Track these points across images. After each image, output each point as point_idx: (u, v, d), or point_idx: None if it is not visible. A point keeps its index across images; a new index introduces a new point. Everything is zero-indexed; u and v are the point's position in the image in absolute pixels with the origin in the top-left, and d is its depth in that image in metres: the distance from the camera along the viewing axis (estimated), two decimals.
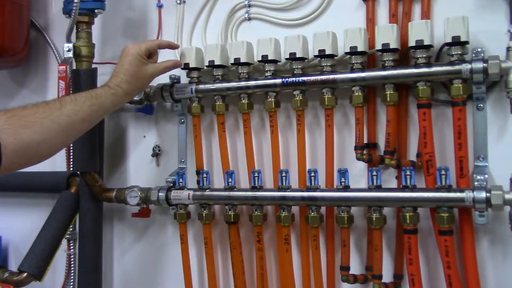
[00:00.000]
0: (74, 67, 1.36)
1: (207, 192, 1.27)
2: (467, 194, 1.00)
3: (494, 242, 1.07)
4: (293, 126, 1.23)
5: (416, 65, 1.06)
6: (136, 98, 1.34)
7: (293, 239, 1.23)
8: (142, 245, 1.47)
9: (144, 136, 1.46)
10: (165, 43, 1.29)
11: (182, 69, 1.29)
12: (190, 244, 1.35)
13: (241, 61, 1.21)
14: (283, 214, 1.19)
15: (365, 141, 1.16)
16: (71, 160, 1.45)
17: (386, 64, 1.09)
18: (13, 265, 1.60)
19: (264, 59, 1.19)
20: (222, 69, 1.26)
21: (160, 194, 1.30)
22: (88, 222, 1.39)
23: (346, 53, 1.12)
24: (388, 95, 1.09)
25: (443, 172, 1.04)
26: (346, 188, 1.13)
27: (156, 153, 1.43)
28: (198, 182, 1.30)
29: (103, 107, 1.11)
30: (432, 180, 1.06)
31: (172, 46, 1.31)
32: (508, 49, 1.02)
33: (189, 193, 1.27)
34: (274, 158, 1.22)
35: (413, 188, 1.07)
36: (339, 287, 1.20)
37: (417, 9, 1.14)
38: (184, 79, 1.34)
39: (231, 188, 1.24)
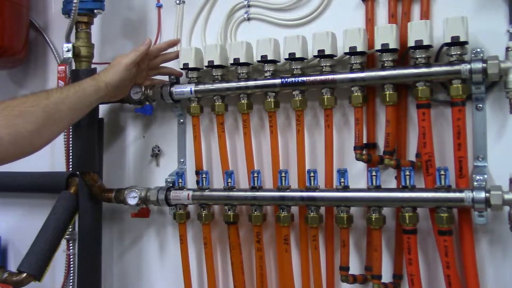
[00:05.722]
0: (74, 67, 1.35)
1: (207, 192, 1.27)
2: (466, 194, 1.00)
3: (494, 242, 1.07)
4: (293, 126, 1.23)
5: (416, 65, 1.06)
6: (135, 98, 1.34)
7: (293, 239, 1.23)
8: (141, 245, 1.47)
9: (144, 136, 1.46)
10: (164, 46, 1.32)
11: (181, 69, 1.29)
12: (190, 245, 1.35)
13: (241, 61, 1.21)
14: (282, 214, 1.19)
15: (365, 141, 1.16)
16: (71, 160, 1.45)
17: (385, 64, 1.09)
18: (13, 265, 1.59)
19: (264, 59, 1.19)
20: (222, 69, 1.26)
21: (159, 194, 1.30)
22: (87, 222, 1.39)
23: (346, 53, 1.12)
24: (387, 95, 1.09)
25: (442, 172, 1.04)
26: (346, 188, 1.13)
27: (156, 153, 1.43)
28: (197, 182, 1.30)
29: (86, 93, 1.15)
30: (431, 180, 1.06)
31: (172, 44, 1.33)
32: (507, 49, 1.02)
33: (188, 193, 1.27)
34: (274, 158, 1.22)
35: (413, 188, 1.07)
36: (338, 287, 1.20)
37: (416, 9, 1.14)
38: (184, 79, 1.34)
39: (231, 188, 1.24)
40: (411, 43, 1.05)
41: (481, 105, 1.06)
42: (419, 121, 1.07)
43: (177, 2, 1.40)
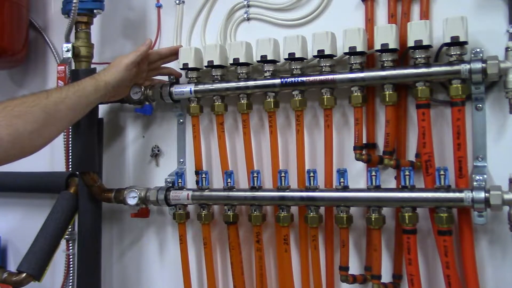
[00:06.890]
0: (73, 67, 1.35)
1: (206, 193, 1.27)
2: (466, 194, 1.00)
3: (493, 242, 1.07)
4: (292, 126, 1.23)
5: (415, 65, 1.06)
6: (135, 98, 1.34)
7: (292, 239, 1.23)
8: (141, 245, 1.47)
9: (143, 136, 1.46)
10: (166, 52, 1.33)
11: (181, 69, 1.29)
12: (189, 245, 1.35)
13: (240, 61, 1.21)
14: (282, 214, 1.19)
15: (364, 141, 1.16)
16: (70, 160, 1.45)
17: (385, 64, 1.09)
18: (12, 266, 1.60)
19: (263, 59, 1.19)
20: (221, 69, 1.26)
21: (159, 194, 1.30)
22: (87, 222, 1.39)
23: (345, 53, 1.12)
24: (387, 95, 1.09)
25: (442, 172, 1.04)
26: (345, 188, 1.13)
27: (155, 153, 1.43)
28: (197, 182, 1.30)
29: (86, 92, 1.14)
30: (431, 180, 1.06)
31: (174, 51, 1.32)
32: (507, 49, 1.02)
33: (188, 194, 1.27)
34: (273, 158, 1.22)
35: (412, 188, 1.07)
36: (338, 287, 1.20)
37: (416, 9, 1.14)
38: (183, 79, 1.34)
39: (230, 189, 1.24)
40: (410, 43, 1.05)
41: (480, 105, 1.06)
42: (419, 121, 1.07)
43: (177, 2, 1.40)
